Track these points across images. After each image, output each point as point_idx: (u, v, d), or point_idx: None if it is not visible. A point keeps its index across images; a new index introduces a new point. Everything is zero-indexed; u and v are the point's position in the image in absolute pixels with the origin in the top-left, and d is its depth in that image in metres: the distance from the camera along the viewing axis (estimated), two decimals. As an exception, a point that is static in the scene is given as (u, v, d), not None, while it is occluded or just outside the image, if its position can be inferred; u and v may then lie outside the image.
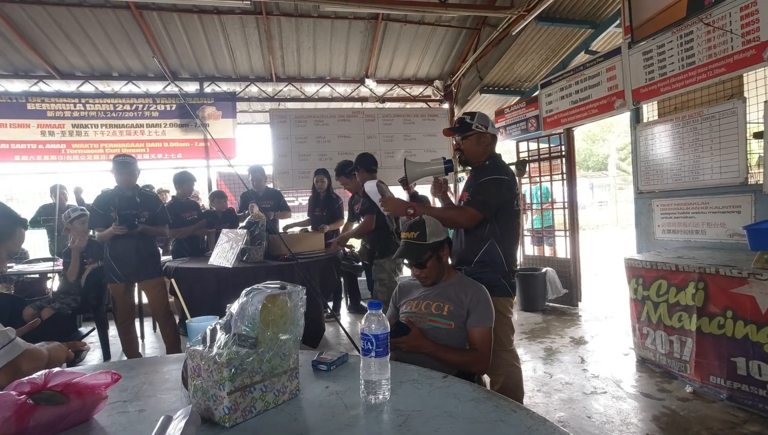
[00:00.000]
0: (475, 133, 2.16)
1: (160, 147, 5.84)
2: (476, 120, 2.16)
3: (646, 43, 3.59)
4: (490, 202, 2.06)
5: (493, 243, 2.08)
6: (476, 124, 2.15)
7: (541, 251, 5.59)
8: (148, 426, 0.81)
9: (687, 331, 2.75)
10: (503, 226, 2.11)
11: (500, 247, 2.09)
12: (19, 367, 1.06)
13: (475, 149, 2.18)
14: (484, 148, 2.19)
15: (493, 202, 2.07)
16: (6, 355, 1.04)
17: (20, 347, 1.08)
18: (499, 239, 2.10)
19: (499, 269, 2.09)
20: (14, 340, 1.07)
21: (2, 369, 1.03)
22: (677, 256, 3.06)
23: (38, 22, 4.81)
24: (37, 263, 4.87)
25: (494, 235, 2.09)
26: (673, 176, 3.66)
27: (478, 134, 2.16)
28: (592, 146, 23.02)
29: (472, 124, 2.15)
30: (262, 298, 0.92)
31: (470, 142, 2.18)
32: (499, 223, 2.10)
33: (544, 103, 4.98)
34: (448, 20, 5.45)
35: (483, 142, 2.18)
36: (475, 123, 2.16)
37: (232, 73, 6.04)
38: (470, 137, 2.17)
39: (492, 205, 2.06)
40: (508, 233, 2.13)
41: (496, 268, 2.08)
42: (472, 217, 2.06)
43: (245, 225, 3.62)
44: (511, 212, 2.14)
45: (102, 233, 3.28)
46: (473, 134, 2.16)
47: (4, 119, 5.43)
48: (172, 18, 4.99)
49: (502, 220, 2.11)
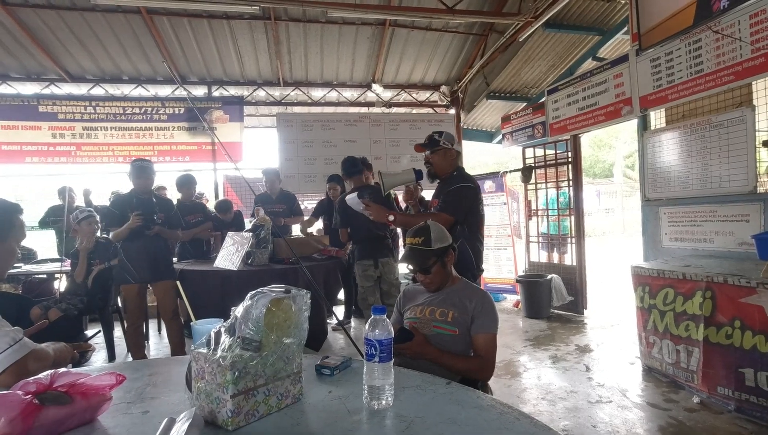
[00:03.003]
0: (442, 148, 2.45)
1: (168, 150, 5.89)
2: (443, 138, 2.45)
3: (654, 51, 3.58)
4: (461, 207, 2.34)
5: (463, 243, 2.30)
6: (443, 141, 2.45)
7: (549, 258, 5.56)
8: (151, 428, 0.81)
9: (694, 340, 2.72)
10: (471, 229, 2.37)
11: (469, 246, 2.34)
12: (25, 367, 1.07)
13: (442, 163, 2.47)
14: (450, 162, 2.48)
15: (462, 207, 2.35)
16: (13, 354, 1.05)
17: (27, 347, 1.09)
18: (468, 240, 2.34)
19: (469, 267, 2.31)
20: (21, 340, 1.08)
21: (9, 369, 1.04)
22: (684, 265, 3.03)
23: (51, 26, 4.89)
24: (45, 263, 4.92)
25: (464, 237, 2.33)
26: (681, 184, 3.63)
27: (445, 150, 2.45)
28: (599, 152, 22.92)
29: (440, 141, 2.44)
30: (267, 301, 0.93)
31: (438, 157, 2.47)
32: (468, 226, 2.36)
33: (550, 109, 4.97)
34: (455, 26, 5.48)
35: (449, 157, 2.47)
36: (443, 140, 2.45)
37: (240, 77, 6.09)
38: (438, 152, 2.46)
39: (462, 209, 2.33)
40: (474, 235, 2.39)
41: (466, 265, 2.29)
42: (446, 220, 2.24)
43: (251, 228, 3.64)
44: (478, 216, 2.41)
45: (118, 230, 3.28)
46: (441, 150, 2.45)
47: (16, 121, 5.52)
48: (182, 23, 5.05)
49: (470, 223, 2.38)
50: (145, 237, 3.30)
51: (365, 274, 3.57)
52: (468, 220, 2.36)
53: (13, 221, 1.27)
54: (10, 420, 0.74)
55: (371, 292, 3.60)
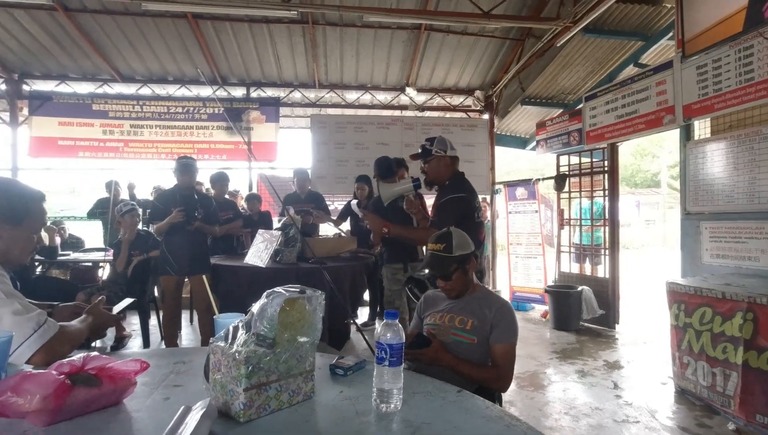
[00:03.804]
0: (435, 157, 2.39)
1: (207, 148, 6.14)
2: (435, 145, 2.40)
3: (699, 57, 3.42)
4: (450, 222, 2.24)
5: None
6: (435, 149, 2.39)
7: (580, 269, 5.39)
8: (170, 414, 0.86)
9: (732, 363, 2.58)
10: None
11: None
12: (52, 348, 1.14)
13: (437, 171, 2.42)
14: (445, 169, 2.41)
15: (451, 222, 2.25)
16: (39, 338, 1.13)
17: (53, 329, 1.17)
18: None
19: None
20: (46, 323, 1.16)
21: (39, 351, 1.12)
22: (725, 283, 2.87)
23: (106, 30, 5.20)
24: (92, 252, 5.24)
25: None
26: (725, 198, 3.45)
27: (438, 157, 2.40)
28: (641, 162, 21.97)
29: (432, 150, 2.39)
30: (281, 301, 0.96)
31: (432, 166, 2.42)
32: None
33: (587, 116, 4.83)
34: (491, 31, 5.42)
35: (443, 164, 2.41)
36: (435, 148, 2.39)
37: (278, 79, 6.26)
38: (431, 161, 2.41)
39: (451, 224, 2.25)
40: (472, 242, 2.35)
41: None
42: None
43: (280, 226, 3.73)
44: (473, 224, 2.33)
45: (160, 224, 3.46)
46: (434, 158, 2.40)
47: (72, 118, 5.90)
48: (224, 26, 5.25)
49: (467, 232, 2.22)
50: (186, 231, 3.46)
51: (394, 278, 3.57)
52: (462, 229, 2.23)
53: (31, 208, 1.27)
54: (44, 397, 0.81)
55: (398, 295, 3.59)
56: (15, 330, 1.06)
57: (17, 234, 1.25)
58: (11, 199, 1.24)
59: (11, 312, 1.12)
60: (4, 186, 1.27)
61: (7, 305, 1.13)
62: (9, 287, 1.18)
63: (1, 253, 1.23)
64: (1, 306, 1.13)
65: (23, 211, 1.25)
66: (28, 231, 1.28)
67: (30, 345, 1.12)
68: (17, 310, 1.13)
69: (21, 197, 1.26)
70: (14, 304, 1.14)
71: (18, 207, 1.24)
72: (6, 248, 1.24)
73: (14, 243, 1.25)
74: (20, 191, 1.28)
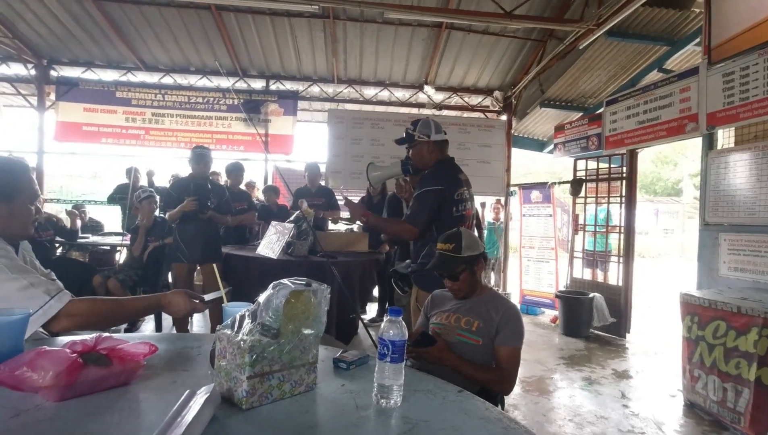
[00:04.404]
0: (418, 142, 2.27)
1: (225, 138, 6.23)
2: (418, 130, 2.26)
3: (726, 65, 3.33)
4: (422, 217, 2.19)
5: (431, 247, 2.16)
6: (418, 134, 2.26)
7: (593, 275, 5.32)
8: (176, 396, 0.88)
9: (744, 380, 2.52)
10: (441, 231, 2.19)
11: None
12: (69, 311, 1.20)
13: (421, 157, 2.29)
14: (429, 156, 2.28)
15: (424, 216, 2.18)
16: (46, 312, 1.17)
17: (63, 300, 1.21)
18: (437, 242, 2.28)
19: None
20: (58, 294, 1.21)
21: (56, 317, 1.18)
22: (741, 297, 2.80)
23: (132, 19, 5.31)
24: (110, 236, 5.37)
25: (432, 240, 2.18)
26: (747, 210, 3.36)
27: (421, 143, 2.27)
28: (661, 169, 21.48)
29: (415, 135, 2.26)
30: (287, 293, 0.98)
31: (416, 151, 2.30)
32: (440, 229, 2.17)
33: (608, 121, 4.75)
34: (513, 31, 5.36)
35: (427, 150, 2.27)
36: (417, 133, 2.26)
37: (297, 72, 6.31)
38: (416, 146, 2.29)
39: (423, 218, 2.19)
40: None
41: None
42: (410, 231, 2.21)
43: (293, 219, 3.77)
44: (452, 218, 2.21)
45: (173, 211, 3.53)
46: (417, 143, 2.28)
47: (96, 105, 6.05)
48: (246, 19, 5.31)
49: (443, 226, 2.17)
50: (199, 220, 3.52)
51: None
52: (439, 224, 2.20)
53: (20, 181, 1.27)
54: (57, 374, 0.84)
55: (408, 294, 3.60)
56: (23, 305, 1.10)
57: (14, 208, 1.26)
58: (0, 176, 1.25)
59: (17, 289, 1.16)
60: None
61: (12, 281, 1.16)
62: (15, 262, 1.20)
63: (2, 229, 1.25)
64: (6, 282, 1.15)
65: (14, 186, 1.26)
66: (23, 203, 1.29)
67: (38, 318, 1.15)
68: (23, 285, 1.17)
69: (9, 172, 1.26)
70: (19, 280, 1.17)
71: (8, 183, 1.25)
72: (6, 224, 1.25)
73: (13, 218, 1.26)
74: (6, 166, 1.28)
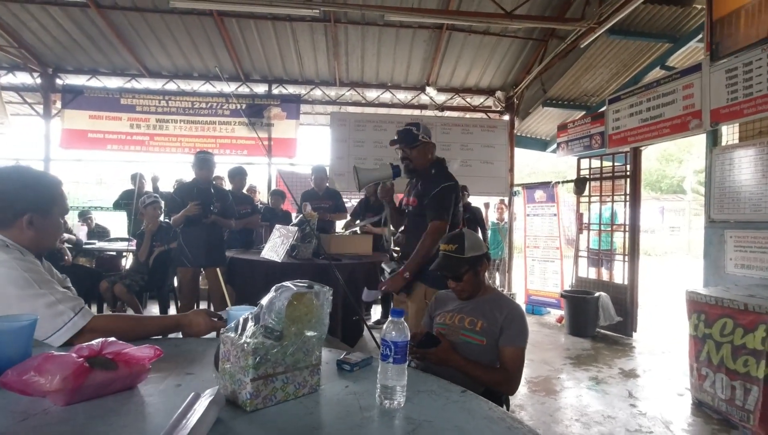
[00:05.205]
0: (421, 143, 2.30)
1: (229, 143, 6.26)
2: (422, 131, 2.31)
3: (729, 61, 3.31)
4: (447, 211, 2.23)
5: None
6: (422, 134, 2.30)
7: (598, 274, 5.30)
8: (181, 399, 0.89)
9: (753, 377, 2.50)
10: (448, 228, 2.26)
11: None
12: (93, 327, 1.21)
13: (422, 158, 2.33)
14: (429, 156, 2.35)
15: (451, 208, 2.24)
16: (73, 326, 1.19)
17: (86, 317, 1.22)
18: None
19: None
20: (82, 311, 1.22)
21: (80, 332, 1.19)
22: (748, 295, 2.78)
23: (135, 26, 5.36)
24: (116, 242, 5.41)
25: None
26: (752, 206, 3.34)
27: (424, 144, 2.31)
28: (666, 167, 21.35)
29: (419, 135, 2.30)
30: (289, 295, 0.99)
31: (417, 152, 2.33)
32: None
33: (610, 119, 4.73)
34: (514, 31, 5.36)
35: (429, 151, 2.34)
36: (421, 134, 2.30)
37: (299, 76, 6.34)
38: (417, 147, 2.31)
39: (450, 211, 2.25)
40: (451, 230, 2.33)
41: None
42: (441, 229, 2.20)
43: (297, 222, 3.78)
44: (457, 216, 2.31)
45: (176, 216, 3.56)
46: (420, 144, 2.30)
47: (102, 112, 6.11)
48: (248, 24, 5.34)
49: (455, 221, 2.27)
50: (203, 224, 3.55)
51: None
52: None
53: (55, 196, 1.30)
54: (63, 378, 0.86)
55: None
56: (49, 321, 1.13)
57: (47, 222, 1.28)
58: (38, 189, 1.27)
59: (44, 305, 1.16)
60: (29, 178, 1.27)
61: (40, 297, 1.17)
62: (43, 275, 1.21)
63: (33, 242, 1.26)
64: (35, 298, 1.16)
65: (50, 200, 1.29)
66: (56, 216, 1.32)
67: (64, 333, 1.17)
68: (50, 302, 1.17)
69: (46, 187, 1.29)
70: (47, 295, 1.18)
71: (45, 196, 1.28)
72: (38, 237, 1.27)
73: (45, 231, 1.28)
74: (43, 181, 1.30)
